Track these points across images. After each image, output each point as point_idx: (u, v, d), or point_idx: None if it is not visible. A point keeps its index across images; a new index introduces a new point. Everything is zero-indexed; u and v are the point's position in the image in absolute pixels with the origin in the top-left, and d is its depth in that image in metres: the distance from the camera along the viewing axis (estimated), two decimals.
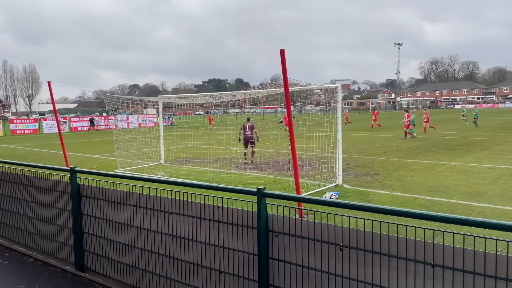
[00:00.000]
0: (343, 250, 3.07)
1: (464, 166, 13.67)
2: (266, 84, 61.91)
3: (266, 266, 3.51)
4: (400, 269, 2.81)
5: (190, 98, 17.80)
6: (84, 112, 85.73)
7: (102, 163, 16.87)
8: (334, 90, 12.50)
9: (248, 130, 15.99)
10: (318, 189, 10.55)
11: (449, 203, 8.84)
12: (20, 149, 24.84)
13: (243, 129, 16.14)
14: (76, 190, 5.23)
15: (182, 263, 4.16)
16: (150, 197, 4.43)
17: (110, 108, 16.54)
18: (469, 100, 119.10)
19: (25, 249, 6.27)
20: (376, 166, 14.21)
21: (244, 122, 16.45)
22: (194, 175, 13.11)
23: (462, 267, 2.55)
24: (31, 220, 6.08)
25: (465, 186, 10.47)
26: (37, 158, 19.16)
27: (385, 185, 10.92)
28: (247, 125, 16.17)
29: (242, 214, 3.67)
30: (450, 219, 2.56)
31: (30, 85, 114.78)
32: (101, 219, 5.00)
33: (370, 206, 3.01)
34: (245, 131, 16.06)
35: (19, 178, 6.23)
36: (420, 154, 17.02)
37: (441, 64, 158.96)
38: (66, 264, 5.57)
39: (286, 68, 7.32)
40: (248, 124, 16.14)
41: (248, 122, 16.24)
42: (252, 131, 16.01)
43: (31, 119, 45.02)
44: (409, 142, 22.06)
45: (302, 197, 4.42)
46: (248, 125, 16.12)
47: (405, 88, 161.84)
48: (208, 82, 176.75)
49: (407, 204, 8.90)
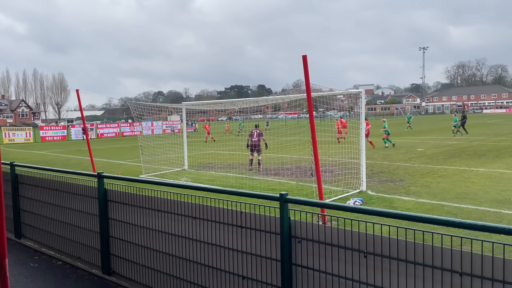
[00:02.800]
0: (368, 257, 3.03)
1: (494, 172, 13.25)
2: (288, 90, 61.84)
3: (289, 272, 3.50)
4: (426, 277, 2.75)
5: (212, 104, 17.98)
6: (110, 119, 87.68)
7: (128, 168, 17.21)
8: (357, 95, 12.38)
9: (256, 137, 15.76)
10: (342, 195, 10.43)
11: (478, 211, 8.59)
12: (49, 155, 25.62)
13: (251, 136, 15.95)
14: (103, 195, 5.36)
15: (206, 268, 4.20)
16: (174, 202, 4.49)
17: (135, 115, 16.88)
18: (497, 104, 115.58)
19: (54, 253, 6.45)
20: (401, 172, 13.95)
21: (253, 128, 16.26)
22: (217, 181, 13.20)
23: (491, 276, 2.48)
24: (60, 224, 6.25)
25: (495, 193, 10.14)
26: (65, 164, 19.72)
27: (410, 192, 10.71)
28: (254, 132, 15.95)
29: (265, 220, 3.68)
30: (478, 226, 2.50)
31: (59, 93, 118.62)
32: (127, 224, 5.10)
33: (395, 212, 2.97)
34: (252, 137, 15.84)
35: (49, 183, 6.43)
36: (447, 160, 16.61)
37: (468, 68, 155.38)
38: (93, 267, 5.70)
39: (308, 74, 7.31)
40: (256, 131, 15.91)
41: (256, 129, 16.01)
42: (259, 138, 15.78)
43: (60, 126, 46.41)
44: (435, 148, 21.56)
45: (324, 203, 4.39)
46: (256, 132, 15.89)
47: (431, 92, 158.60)
48: (231, 89, 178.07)
49: (433, 211, 8.69)
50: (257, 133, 15.83)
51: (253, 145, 15.68)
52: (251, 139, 15.88)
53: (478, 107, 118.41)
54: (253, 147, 15.69)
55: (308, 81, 7.42)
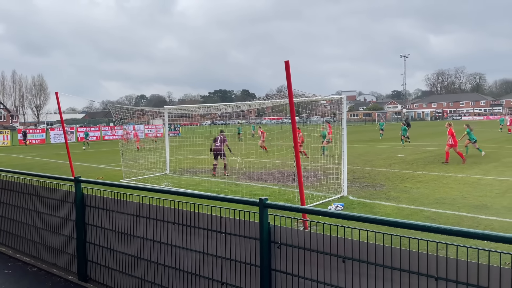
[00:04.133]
0: (346, 262, 3.04)
1: (471, 178, 13.54)
2: (272, 95, 62.06)
3: (269, 277, 3.48)
4: (403, 282, 2.77)
5: (195, 108, 17.90)
6: (91, 123, 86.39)
7: (108, 173, 16.94)
8: (339, 101, 12.51)
9: (219, 142, 15.87)
10: (323, 200, 10.49)
11: (456, 216, 8.75)
12: (27, 159, 25.04)
13: (214, 141, 16.05)
14: (80, 200, 5.25)
15: (185, 274, 4.14)
16: (153, 207, 4.43)
17: (117, 118, 16.66)
18: (476, 112, 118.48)
19: (29, 259, 6.28)
20: (382, 178, 14.12)
21: (218, 134, 16.35)
22: (198, 185, 13.11)
23: (465, 280, 2.51)
24: (35, 229, 6.10)
25: (472, 199, 10.36)
26: (44, 168, 19.29)
27: (390, 197, 10.84)
28: (218, 137, 16.08)
29: (244, 225, 3.66)
30: (453, 231, 2.53)
31: (39, 96, 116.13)
32: (105, 229, 5.01)
33: (374, 217, 2.99)
34: (215, 143, 15.94)
35: (24, 187, 6.27)
36: (426, 166, 16.90)
37: (448, 75, 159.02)
38: (69, 274, 5.56)
39: (290, 79, 7.35)
40: (220, 137, 16.05)
41: (221, 135, 16.14)
42: (223, 143, 15.90)
43: (39, 129, 45.44)
44: (415, 154, 21.93)
45: (305, 208, 4.39)
46: (220, 137, 16.03)
47: (412, 99, 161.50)
48: (214, 93, 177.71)
49: (412, 216, 8.81)
50: (220, 138, 15.96)
51: (217, 150, 15.80)
52: (214, 144, 15.95)
53: (457, 114, 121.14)
54: (217, 151, 15.80)
55: (290, 87, 7.45)
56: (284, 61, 7.30)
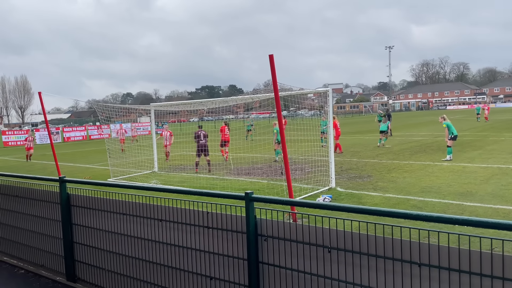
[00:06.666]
0: (331, 252, 3.08)
1: (457, 166, 13.76)
2: (259, 90, 61.97)
3: (256, 270, 3.51)
4: (387, 270, 2.82)
5: (181, 105, 17.80)
6: (77, 123, 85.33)
7: (95, 172, 16.78)
8: (325, 94, 12.56)
9: (203, 139, 15.50)
10: (312, 192, 10.56)
11: (441, 204, 8.89)
12: (12, 160, 24.66)
13: (197, 138, 15.58)
14: (66, 200, 5.20)
15: (174, 270, 4.15)
16: (140, 205, 4.42)
17: (103, 117, 16.47)
18: (460, 101, 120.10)
19: (16, 261, 6.21)
20: (369, 169, 14.26)
21: (197, 130, 15.92)
22: (187, 182, 13.07)
23: (447, 265, 2.57)
24: (22, 231, 6.03)
25: (457, 186, 10.54)
26: (29, 169, 19.02)
27: (378, 187, 10.96)
28: (200, 133, 15.64)
29: (231, 219, 3.67)
30: (434, 218, 2.58)
31: (22, 97, 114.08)
32: (92, 229, 4.98)
33: (360, 207, 3.03)
34: (199, 139, 15.53)
35: (8, 189, 6.19)
36: (412, 156, 17.11)
37: (432, 66, 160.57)
38: (58, 275, 5.52)
39: (275, 73, 7.36)
40: (201, 132, 15.64)
41: (202, 130, 15.80)
42: (206, 139, 15.59)
43: (23, 131, 44.72)
44: (402, 144, 22.17)
45: (291, 201, 4.43)
46: (202, 133, 15.63)
47: (397, 90, 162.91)
48: (202, 89, 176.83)
49: (399, 205, 8.93)
50: (203, 135, 15.64)
51: (202, 146, 15.41)
52: (198, 140, 15.52)
53: (442, 104, 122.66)
54: (202, 148, 15.40)
55: (275, 80, 7.46)
56: (269, 55, 7.31)
